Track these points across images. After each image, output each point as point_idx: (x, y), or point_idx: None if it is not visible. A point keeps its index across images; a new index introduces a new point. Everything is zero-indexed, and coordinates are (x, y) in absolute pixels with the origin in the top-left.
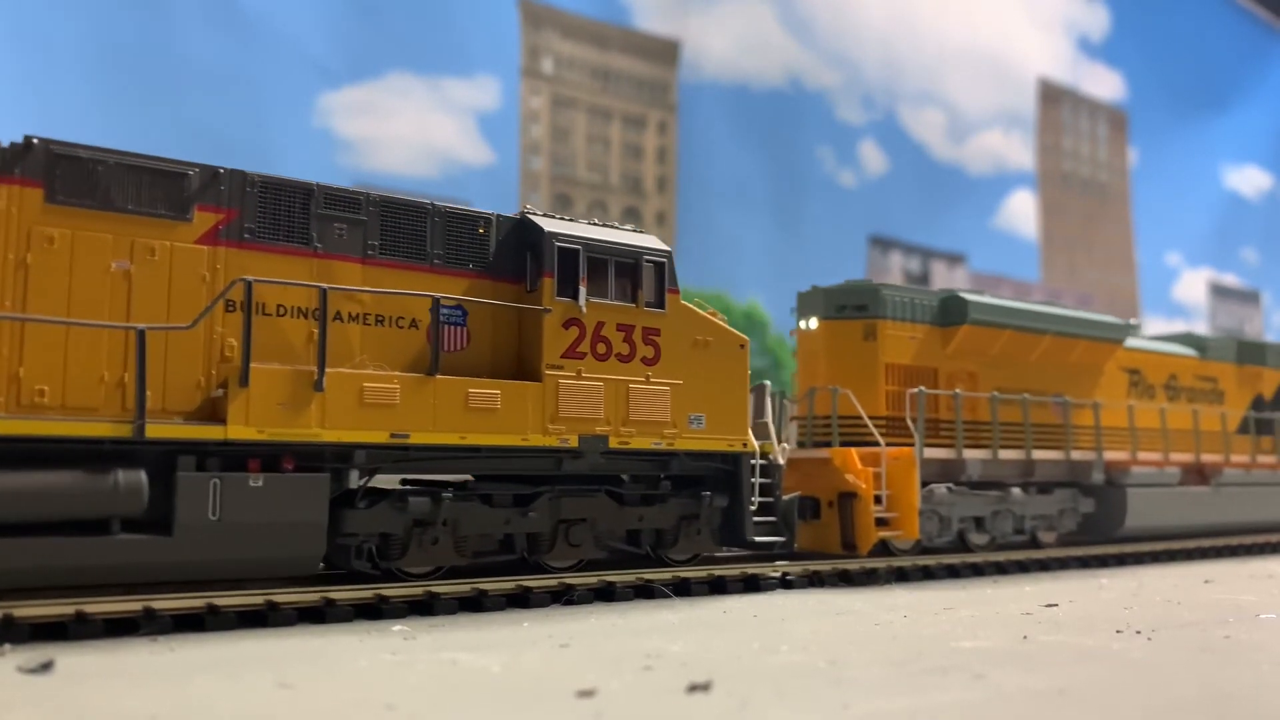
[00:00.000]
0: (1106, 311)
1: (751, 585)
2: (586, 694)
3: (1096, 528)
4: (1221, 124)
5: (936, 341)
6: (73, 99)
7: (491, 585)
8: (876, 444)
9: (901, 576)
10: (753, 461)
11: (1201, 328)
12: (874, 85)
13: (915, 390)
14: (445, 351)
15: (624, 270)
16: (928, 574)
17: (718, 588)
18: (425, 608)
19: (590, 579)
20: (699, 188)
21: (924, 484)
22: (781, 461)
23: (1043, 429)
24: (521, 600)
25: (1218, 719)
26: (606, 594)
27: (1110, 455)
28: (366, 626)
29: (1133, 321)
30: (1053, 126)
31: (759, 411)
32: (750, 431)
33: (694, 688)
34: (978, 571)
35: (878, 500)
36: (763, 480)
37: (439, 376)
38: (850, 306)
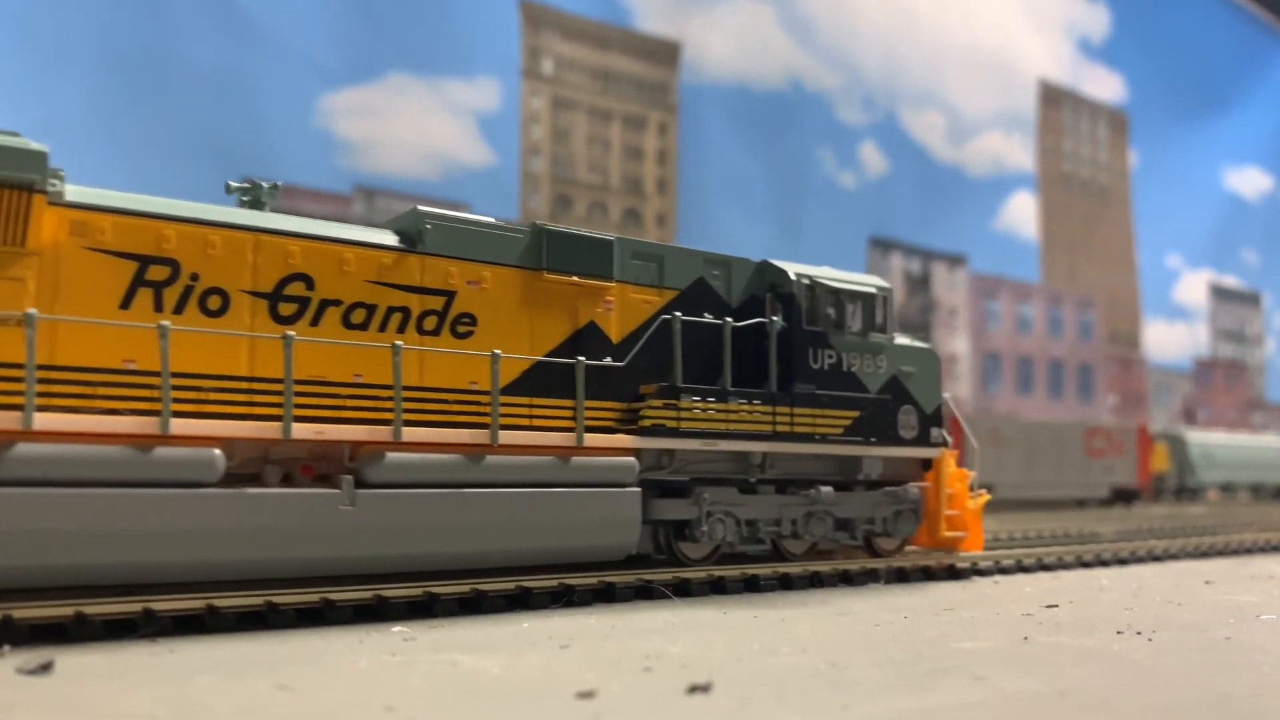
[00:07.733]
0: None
1: (752, 585)
2: (586, 695)
3: None
4: (1222, 125)
5: None
6: (74, 100)
7: (491, 586)
8: None
9: (902, 577)
10: None
11: (1202, 328)
12: (874, 87)
13: None
14: None
15: None
16: (928, 574)
17: (718, 588)
18: (425, 609)
19: (590, 579)
20: (699, 189)
21: None
22: None
23: None
24: (521, 601)
25: None
26: (606, 594)
27: None
28: (366, 628)
29: (252, 185)
30: (1053, 128)
31: None
32: None
33: (694, 689)
34: (979, 572)
35: None
36: None
37: None
38: None
